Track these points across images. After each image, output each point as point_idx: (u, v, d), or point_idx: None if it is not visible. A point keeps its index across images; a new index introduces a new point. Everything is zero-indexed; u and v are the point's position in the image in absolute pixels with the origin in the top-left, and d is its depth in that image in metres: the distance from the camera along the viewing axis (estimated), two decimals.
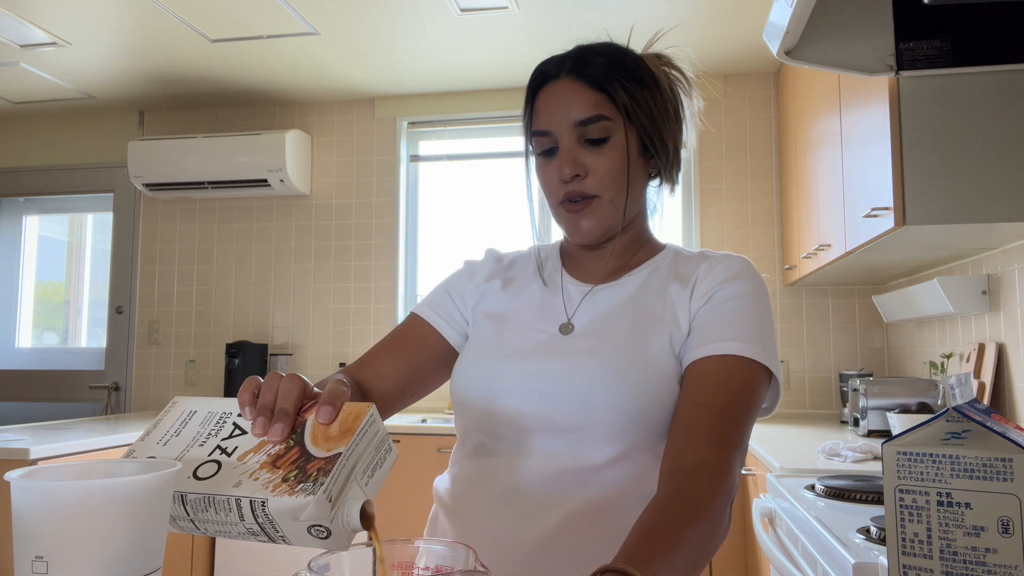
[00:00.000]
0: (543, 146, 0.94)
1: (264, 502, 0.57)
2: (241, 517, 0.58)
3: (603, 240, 0.96)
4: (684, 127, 0.98)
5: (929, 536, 0.59)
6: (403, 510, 2.99)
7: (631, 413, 0.86)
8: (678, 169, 0.98)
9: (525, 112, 0.97)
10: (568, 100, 0.90)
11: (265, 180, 3.63)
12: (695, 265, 0.95)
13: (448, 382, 1.02)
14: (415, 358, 1.00)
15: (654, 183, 0.99)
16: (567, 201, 0.93)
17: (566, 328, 0.94)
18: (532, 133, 0.95)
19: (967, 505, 0.58)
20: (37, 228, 4.28)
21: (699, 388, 0.85)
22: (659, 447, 0.87)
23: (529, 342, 0.94)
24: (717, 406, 0.82)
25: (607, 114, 0.90)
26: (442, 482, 0.99)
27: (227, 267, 3.89)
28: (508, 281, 1.04)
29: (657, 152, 0.94)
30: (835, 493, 1.48)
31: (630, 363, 0.88)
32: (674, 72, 0.97)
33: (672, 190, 1.00)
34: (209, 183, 3.68)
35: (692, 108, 0.99)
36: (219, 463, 0.62)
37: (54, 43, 3.12)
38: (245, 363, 3.54)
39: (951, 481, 0.59)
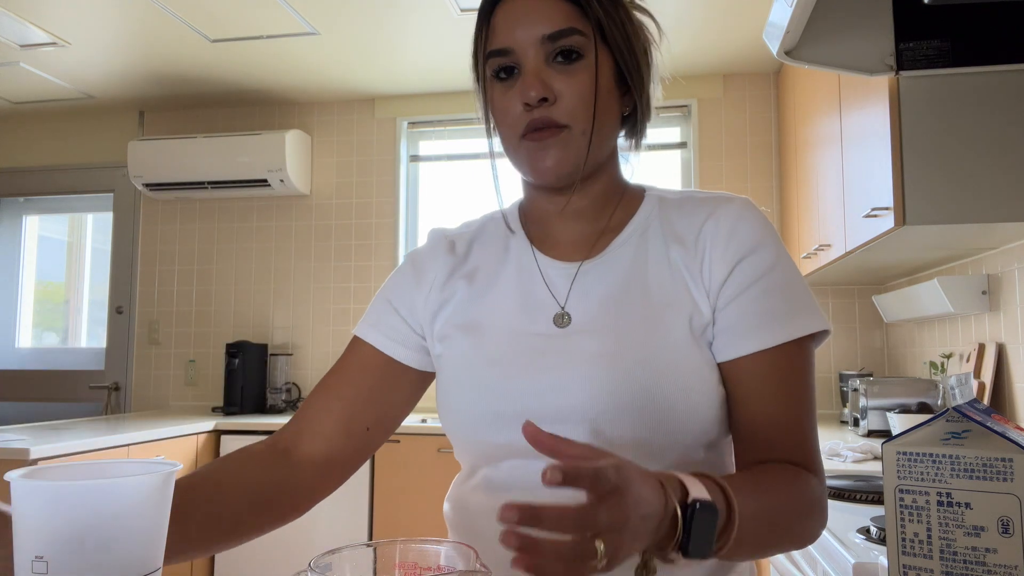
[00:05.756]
0: (501, 67, 0.78)
1: None
2: None
3: (568, 181, 0.79)
4: (654, 75, 0.84)
5: (929, 536, 0.59)
6: (404, 511, 2.99)
7: (655, 426, 0.73)
8: (648, 118, 0.85)
9: (479, 34, 0.80)
10: (533, 11, 0.76)
11: (265, 180, 3.63)
12: (693, 220, 0.81)
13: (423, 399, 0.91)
14: (352, 390, 0.86)
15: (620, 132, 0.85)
16: (531, 131, 0.77)
17: (561, 320, 0.80)
18: (489, 54, 0.79)
19: (967, 505, 0.58)
20: (37, 228, 4.28)
21: (763, 396, 0.75)
22: (686, 446, 0.76)
23: (520, 350, 0.79)
24: (791, 419, 0.75)
25: (579, 27, 0.76)
26: (457, 515, 0.86)
27: (227, 267, 3.89)
28: (471, 276, 0.87)
29: (633, 82, 0.81)
30: (835, 493, 1.48)
31: (647, 364, 0.74)
32: (640, 15, 0.83)
33: (637, 146, 0.87)
34: (209, 183, 3.68)
35: (658, 61, 0.85)
36: None
37: (54, 43, 3.12)
38: (245, 363, 3.54)
39: (951, 481, 0.59)
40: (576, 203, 0.83)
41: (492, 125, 0.82)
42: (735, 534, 0.61)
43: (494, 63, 0.78)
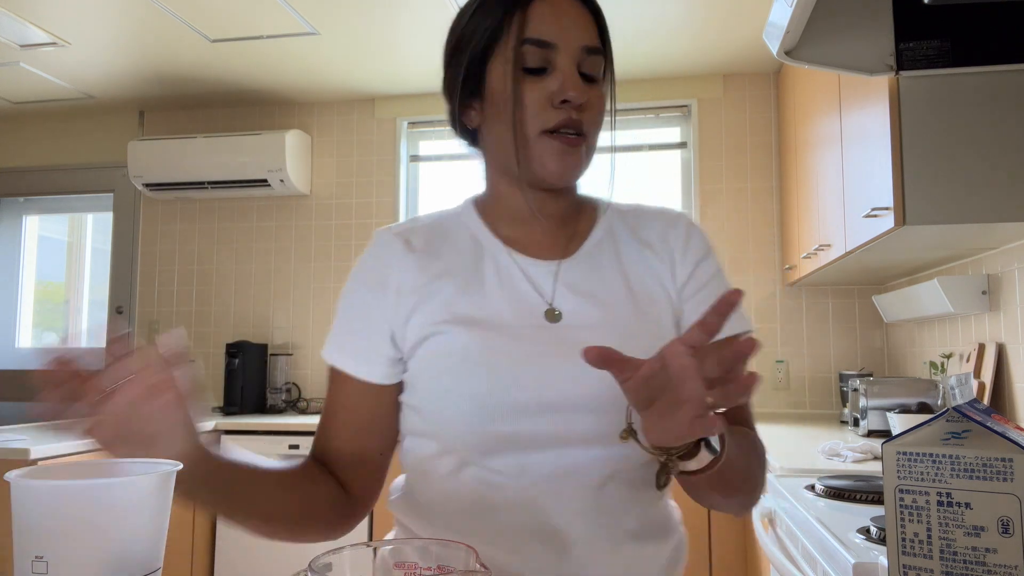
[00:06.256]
0: (535, 61, 0.78)
1: None
2: None
3: (569, 185, 0.86)
4: None
5: (929, 536, 0.59)
6: None
7: None
8: None
9: (505, 16, 0.79)
10: (577, 19, 0.79)
11: (265, 180, 3.63)
12: (654, 228, 0.89)
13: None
14: (350, 431, 0.85)
15: None
16: (561, 131, 0.79)
17: (552, 315, 0.82)
18: (527, 40, 0.78)
19: (967, 505, 0.58)
20: (37, 228, 4.28)
21: None
22: None
23: (523, 341, 0.80)
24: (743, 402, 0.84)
25: (603, 51, 0.82)
26: (416, 511, 0.85)
27: (227, 267, 3.89)
28: (449, 275, 0.84)
29: (614, 104, 0.87)
30: (835, 493, 1.48)
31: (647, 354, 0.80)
32: None
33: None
34: (209, 183, 3.68)
35: None
36: None
37: (54, 43, 3.12)
38: (245, 363, 3.54)
39: (951, 481, 0.59)
40: (552, 207, 0.87)
41: (492, 110, 0.81)
42: (728, 440, 0.70)
43: (531, 52, 0.78)
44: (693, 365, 0.59)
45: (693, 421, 0.60)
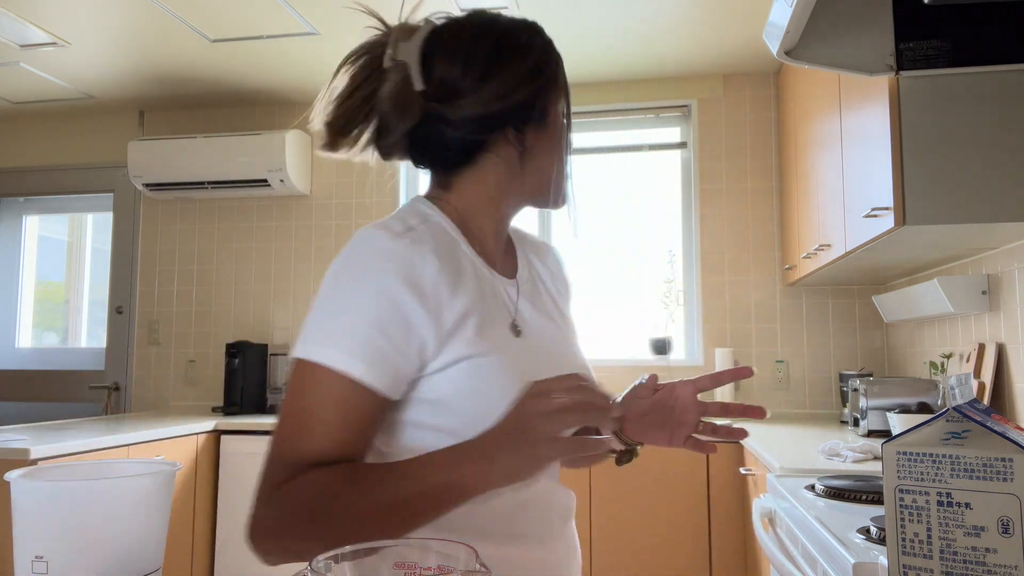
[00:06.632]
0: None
1: None
2: None
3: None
4: None
5: (929, 536, 0.59)
6: None
7: None
8: None
9: (557, 75, 0.92)
10: None
11: (265, 180, 3.63)
12: (548, 258, 1.04)
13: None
14: (343, 439, 0.76)
15: None
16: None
17: (522, 331, 0.89)
18: (568, 99, 0.94)
19: (967, 505, 0.58)
20: (37, 228, 4.28)
21: None
22: None
23: (530, 361, 0.86)
24: None
25: None
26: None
27: (227, 267, 3.89)
28: (472, 296, 0.84)
29: None
30: (835, 493, 1.48)
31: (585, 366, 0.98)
32: None
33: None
34: (209, 183, 3.68)
35: None
36: None
37: (54, 43, 3.12)
38: (245, 363, 3.54)
39: (951, 481, 0.59)
40: (507, 227, 0.96)
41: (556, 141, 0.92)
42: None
43: (562, 110, 0.91)
44: (697, 402, 0.94)
45: (686, 439, 0.96)
